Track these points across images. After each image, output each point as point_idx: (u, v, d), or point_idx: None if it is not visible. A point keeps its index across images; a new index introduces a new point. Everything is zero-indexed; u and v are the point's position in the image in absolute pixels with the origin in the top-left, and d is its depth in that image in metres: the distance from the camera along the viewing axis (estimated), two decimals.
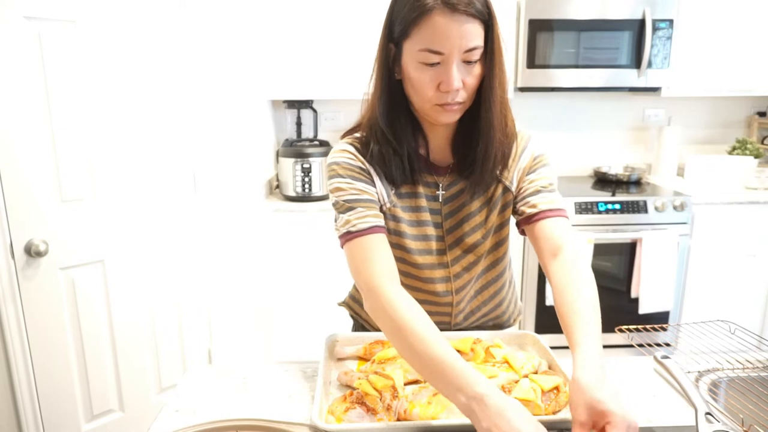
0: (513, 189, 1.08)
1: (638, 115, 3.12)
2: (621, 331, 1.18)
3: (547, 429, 0.84)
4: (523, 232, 1.09)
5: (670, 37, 2.61)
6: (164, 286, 2.11)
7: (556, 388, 0.90)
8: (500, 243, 1.13)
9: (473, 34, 0.88)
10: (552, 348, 1.04)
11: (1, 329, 1.73)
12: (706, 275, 2.63)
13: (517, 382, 0.92)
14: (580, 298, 0.89)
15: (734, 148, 2.96)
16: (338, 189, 1.02)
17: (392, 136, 1.00)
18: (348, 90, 2.60)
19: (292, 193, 2.62)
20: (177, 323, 2.18)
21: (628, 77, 2.66)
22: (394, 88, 0.99)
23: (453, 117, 0.97)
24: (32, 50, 1.68)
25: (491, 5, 0.92)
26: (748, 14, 2.66)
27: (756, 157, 2.84)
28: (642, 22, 2.58)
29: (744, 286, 2.65)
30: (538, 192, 1.04)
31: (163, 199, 2.07)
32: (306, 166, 2.58)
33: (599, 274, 2.55)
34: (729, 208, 2.57)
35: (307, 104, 2.91)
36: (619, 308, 2.62)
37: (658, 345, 1.19)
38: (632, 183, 2.88)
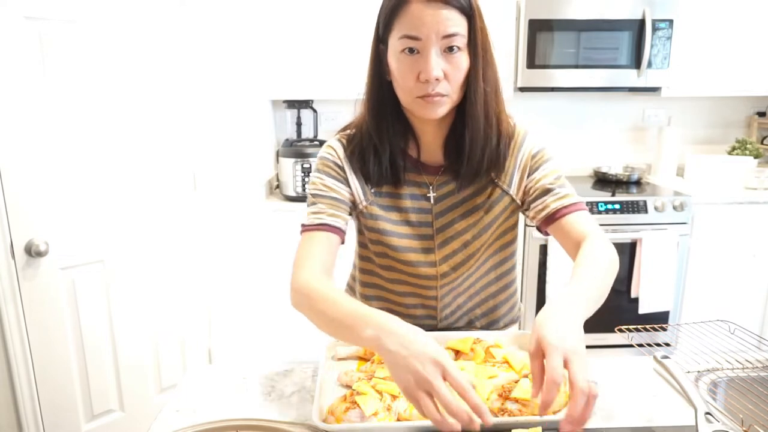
0: (513, 191, 1.07)
1: (638, 115, 3.12)
2: (621, 331, 1.18)
3: (547, 429, 0.84)
4: (546, 233, 1.08)
5: (669, 37, 2.61)
6: (164, 285, 2.11)
7: None
8: (502, 248, 1.13)
9: (451, 20, 0.90)
10: None
11: (1, 329, 1.73)
12: (706, 275, 2.63)
13: (517, 382, 0.92)
14: (587, 256, 0.91)
15: (734, 148, 2.96)
16: (312, 183, 1.09)
17: (377, 135, 1.03)
18: (348, 90, 2.59)
19: (292, 193, 2.62)
20: (177, 323, 2.18)
21: (628, 77, 2.66)
22: (384, 89, 1.01)
23: (436, 109, 0.96)
24: (32, 50, 1.68)
25: (475, 1, 0.93)
26: (747, 14, 2.66)
27: (756, 157, 2.84)
28: (642, 22, 2.58)
29: (744, 286, 2.65)
30: (548, 191, 1.04)
31: (164, 198, 2.07)
32: (306, 166, 2.59)
33: None
34: (729, 208, 2.57)
35: (307, 104, 2.91)
36: (619, 308, 2.61)
37: (658, 345, 1.19)
38: (632, 183, 2.88)
